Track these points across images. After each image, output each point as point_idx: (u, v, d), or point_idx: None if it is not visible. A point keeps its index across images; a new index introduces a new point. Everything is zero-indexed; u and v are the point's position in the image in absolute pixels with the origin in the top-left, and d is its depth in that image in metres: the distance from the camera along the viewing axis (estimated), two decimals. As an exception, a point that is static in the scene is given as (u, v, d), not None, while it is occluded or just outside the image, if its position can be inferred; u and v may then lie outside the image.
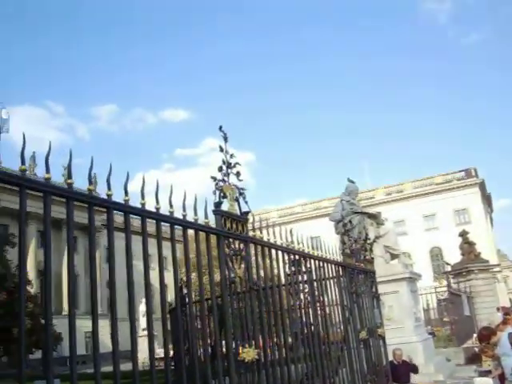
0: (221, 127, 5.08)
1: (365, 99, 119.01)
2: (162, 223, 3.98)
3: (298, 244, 6.23)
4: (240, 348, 4.61)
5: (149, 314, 3.77)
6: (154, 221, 3.90)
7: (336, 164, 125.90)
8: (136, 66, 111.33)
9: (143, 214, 3.76)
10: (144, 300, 31.71)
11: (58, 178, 3.17)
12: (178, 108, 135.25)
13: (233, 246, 4.92)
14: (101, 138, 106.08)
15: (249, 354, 4.62)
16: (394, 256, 16.13)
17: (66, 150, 3.02)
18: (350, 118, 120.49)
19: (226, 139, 5.10)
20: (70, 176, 3.11)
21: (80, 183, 3.38)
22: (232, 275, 4.76)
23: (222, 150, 5.05)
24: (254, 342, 4.77)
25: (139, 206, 3.73)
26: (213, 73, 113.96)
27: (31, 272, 36.18)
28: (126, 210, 3.62)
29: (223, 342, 4.80)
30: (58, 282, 39.48)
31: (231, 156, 5.09)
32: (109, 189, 3.42)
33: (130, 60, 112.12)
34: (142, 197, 3.72)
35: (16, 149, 2.89)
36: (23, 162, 2.84)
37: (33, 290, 28.62)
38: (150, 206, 3.85)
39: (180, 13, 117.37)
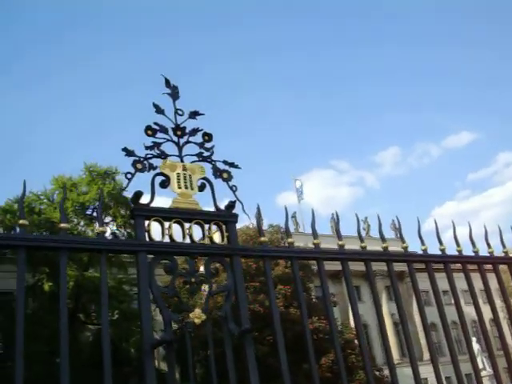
0: None
1: None
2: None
3: None
4: None
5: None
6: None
7: None
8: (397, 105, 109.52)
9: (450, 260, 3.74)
10: (474, 339, 29.84)
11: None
12: (461, 132, 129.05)
13: None
14: (389, 182, 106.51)
15: None
16: None
17: (359, 204, 3.24)
18: None
19: None
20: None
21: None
22: None
23: None
24: None
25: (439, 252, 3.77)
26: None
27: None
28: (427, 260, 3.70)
29: None
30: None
31: None
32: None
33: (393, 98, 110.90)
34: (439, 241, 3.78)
35: (316, 212, 3.29)
36: (315, 237, 3.16)
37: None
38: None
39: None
